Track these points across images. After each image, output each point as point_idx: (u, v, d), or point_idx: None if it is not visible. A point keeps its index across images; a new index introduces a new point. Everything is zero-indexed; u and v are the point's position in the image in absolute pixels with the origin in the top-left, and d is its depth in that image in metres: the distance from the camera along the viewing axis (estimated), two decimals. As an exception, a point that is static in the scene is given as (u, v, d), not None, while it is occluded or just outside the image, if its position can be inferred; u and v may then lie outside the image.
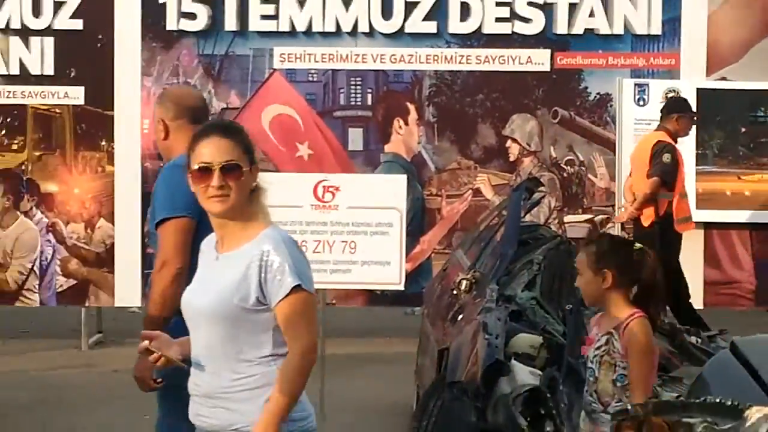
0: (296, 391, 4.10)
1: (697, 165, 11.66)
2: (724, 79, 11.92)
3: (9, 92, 12.13)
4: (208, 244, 4.34)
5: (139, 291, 12.07)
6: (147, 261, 11.75)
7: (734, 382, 4.74)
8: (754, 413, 3.14)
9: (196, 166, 4.06)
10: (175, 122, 5.73)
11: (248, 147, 4.22)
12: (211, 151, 4.06)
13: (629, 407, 4.06)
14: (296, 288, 3.93)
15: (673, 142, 10.81)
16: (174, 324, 4.63)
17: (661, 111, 11.30)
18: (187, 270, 4.95)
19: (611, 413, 4.89)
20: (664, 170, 10.70)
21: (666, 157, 10.66)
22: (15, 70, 12.08)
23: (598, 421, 5.25)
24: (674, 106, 11.27)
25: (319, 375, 7.88)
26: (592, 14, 11.84)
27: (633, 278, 5.19)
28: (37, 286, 12.33)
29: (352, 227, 8.34)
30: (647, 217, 10.77)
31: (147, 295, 6.25)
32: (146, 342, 4.23)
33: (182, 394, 4.28)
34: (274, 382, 4.11)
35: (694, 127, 11.30)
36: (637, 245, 5.63)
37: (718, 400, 3.51)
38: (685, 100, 11.46)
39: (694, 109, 11.38)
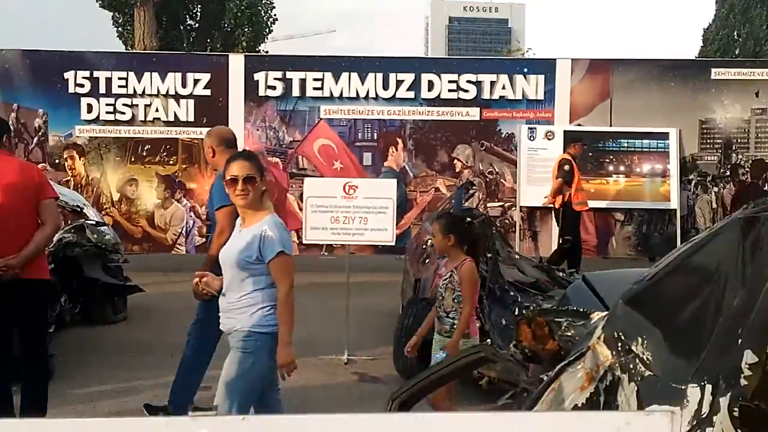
0: (289, 316, 4.92)
1: None
2: (579, 125, 14.05)
3: (169, 131, 14.23)
4: (237, 221, 5.15)
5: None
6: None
7: (583, 298, 5.86)
8: (595, 316, 3.91)
9: (228, 177, 4.90)
10: (219, 148, 6.55)
11: (260, 167, 5.00)
12: (238, 168, 4.86)
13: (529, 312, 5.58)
14: (280, 252, 4.81)
15: (571, 159, 12.40)
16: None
17: (565, 142, 13.35)
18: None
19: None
20: (564, 175, 12.27)
21: (566, 167, 12.29)
22: (172, 118, 14.15)
23: (442, 321, 6.17)
24: (570, 138, 13.10)
25: (345, 294, 9.00)
26: (503, 87, 14.14)
27: (465, 239, 6.25)
28: (183, 242, 14.39)
29: (364, 209, 9.15)
30: (558, 202, 12.41)
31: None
32: (197, 278, 5.23)
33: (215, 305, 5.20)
34: (257, 303, 4.89)
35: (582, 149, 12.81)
36: (468, 220, 6.84)
37: (574, 308, 4.56)
38: (574, 133, 13.53)
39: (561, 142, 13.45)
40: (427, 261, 8.67)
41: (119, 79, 14.17)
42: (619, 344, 3.11)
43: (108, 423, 1.32)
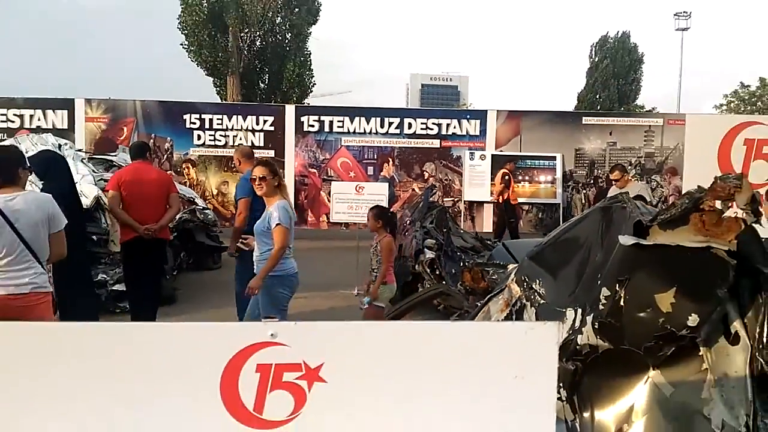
0: (272, 264, 4.58)
1: (491, 180, 13.12)
2: (501, 150, 13.81)
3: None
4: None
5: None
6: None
7: (503, 256, 5.98)
8: (510, 267, 3.93)
9: (252, 177, 4.77)
10: (242, 159, 6.32)
11: (273, 170, 4.78)
12: (257, 171, 4.74)
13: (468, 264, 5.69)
14: (278, 224, 4.54)
15: (509, 172, 12.36)
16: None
17: (493, 161, 13.26)
18: (248, 216, 5.71)
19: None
20: (505, 182, 12.21)
21: (506, 177, 12.26)
22: (249, 144, 13.46)
23: (371, 275, 5.91)
24: (502, 160, 12.93)
25: (356, 252, 8.86)
26: (455, 127, 14.03)
27: (387, 222, 5.94)
28: None
29: (369, 200, 8.96)
30: (501, 199, 12.34)
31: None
32: (242, 240, 5.18)
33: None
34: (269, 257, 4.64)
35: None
36: (392, 212, 6.59)
37: (497, 262, 5.16)
38: (499, 156, 13.33)
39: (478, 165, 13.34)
40: (405, 233, 8.35)
41: (217, 119, 14.13)
42: (525, 284, 3.13)
43: (200, 326, 1.21)
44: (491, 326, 1.23)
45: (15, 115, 13.74)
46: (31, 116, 13.76)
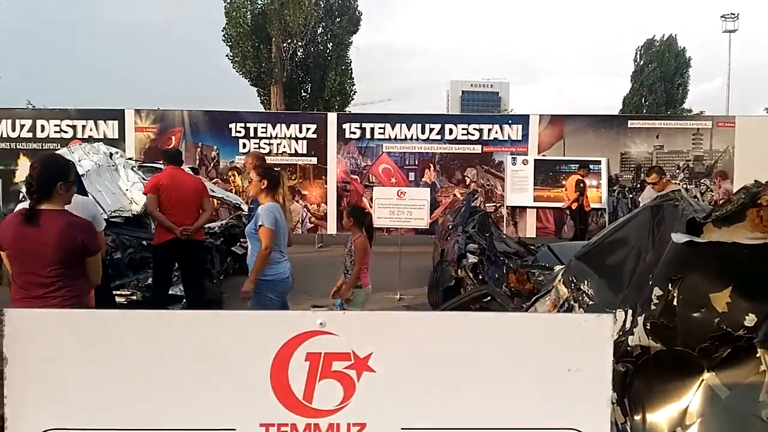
0: (260, 265, 4.49)
1: (534, 184, 13.45)
2: (543, 155, 13.74)
3: (291, 159, 14.03)
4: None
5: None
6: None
7: (548, 258, 6.14)
8: (557, 269, 3.99)
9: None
10: (256, 162, 6.41)
11: (261, 172, 4.79)
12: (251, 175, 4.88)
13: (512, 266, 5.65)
14: (261, 225, 4.52)
15: (583, 178, 12.04)
16: None
17: (535, 166, 13.31)
18: None
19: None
20: (579, 189, 11.88)
21: (581, 184, 11.90)
22: (293, 152, 14.06)
23: (345, 276, 5.64)
24: (580, 166, 12.60)
25: (398, 257, 8.84)
26: (496, 132, 13.94)
27: (362, 223, 5.64)
28: (300, 226, 13.96)
29: (411, 205, 9.20)
30: (574, 206, 12.00)
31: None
32: None
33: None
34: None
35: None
36: (366, 212, 6.13)
37: (542, 264, 5.15)
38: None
39: (532, 170, 13.31)
40: (448, 238, 8.32)
41: (261, 128, 14.28)
42: (572, 284, 3.06)
43: (251, 315, 1.21)
44: (545, 318, 1.19)
45: (68, 125, 14.16)
46: (83, 126, 14.18)
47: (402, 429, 1.20)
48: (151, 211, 6.31)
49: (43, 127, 14.12)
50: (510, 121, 14.49)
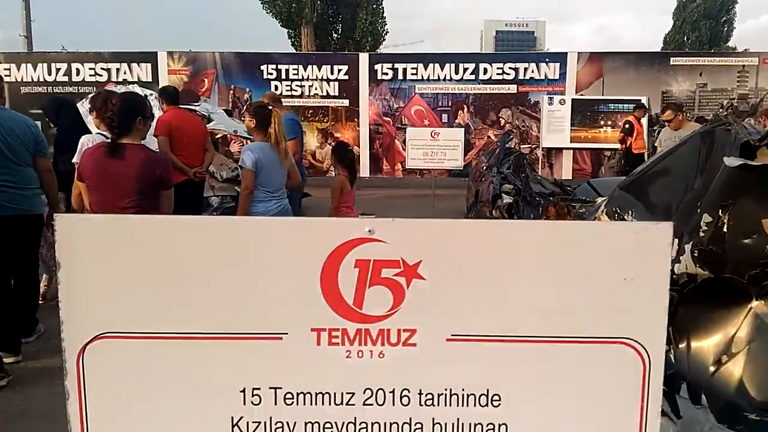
0: (242, 206, 4.51)
1: (571, 125, 13.27)
2: (582, 95, 13.51)
3: (323, 101, 14.13)
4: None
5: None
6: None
7: (588, 194, 5.91)
8: (599, 200, 3.90)
9: None
10: (272, 103, 6.03)
11: (256, 114, 4.69)
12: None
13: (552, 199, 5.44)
14: (242, 166, 4.61)
15: (633, 120, 11.22)
16: None
17: (573, 106, 13.02)
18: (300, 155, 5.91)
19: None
20: (626, 129, 11.17)
21: (626, 126, 11.18)
22: (325, 93, 14.11)
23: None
24: (636, 107, 11.93)
25: (431, 200, 9.02)
26: (532, 71, 13.70)
27: (342, 160, 5.62)
28: (333, 169, 12.86)
29: (444, 146, 9.45)
30: (623, 146, 11.27)
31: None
32: None
33: None
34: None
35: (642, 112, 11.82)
36: (349, 148, 6.05)
37: (583, 198, 4.95)
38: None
39: (565, 110, 13.04)
40: (482, 179, 8.22)
41: (293, 69, 14.22)
42: (616, 215, 2.98)
43: (300, 221, 1.20)
44: (601, 226, 1.16)
45: (102, 69, 14.26)
46: (117, 69, 14.27)
47: (451, 335, 1.19)
48: (165, 153, 6.15)
49: (78, 70, 14.27)
50: (547, 60, 14.16)
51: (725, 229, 2.26)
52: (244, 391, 1.19)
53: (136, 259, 1.16)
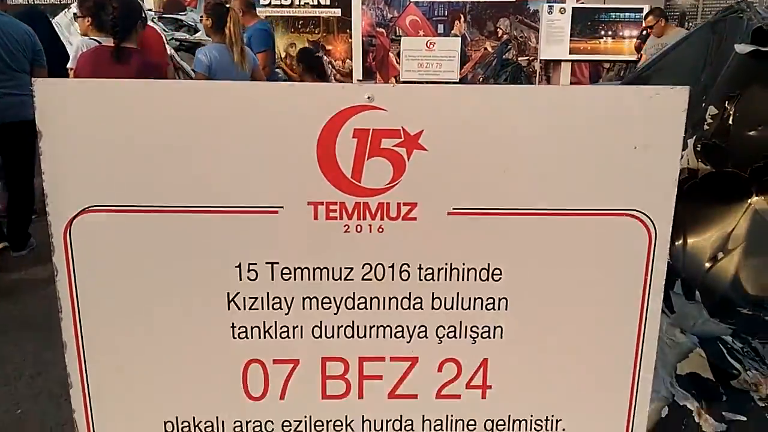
0: None
1: (571, 36, 12.69)
2: (582, 2, 13.04)
3: (314, 11, 13.66)
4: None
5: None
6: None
7: None
8: None
9: None
10: (244, 9, 6.01)
11: (207, 9, 4.63)
12: None
13: None
14: (194, 70, 4.57)
15: (649, 25, 10.42)
16: None
17: (573, 16, 12.42)
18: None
19: None
20: (643, 36, 10.66)
21: (645, 32, 10.67)
22: (316, 3, 13.51)
23: None
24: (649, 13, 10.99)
25: None
26: None
27: (312, 68, 5.39)
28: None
29: (439, 56, 9.63)
30: (638, 54, 10.86)
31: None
32: None
33: None
34: None
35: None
36: (317, 55, 5.59)
37: None
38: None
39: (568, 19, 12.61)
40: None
41: (282, -23, 13.55)
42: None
43: (293, 87, 1.12)
44: (611, 90, 1.09)
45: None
46: (99, -23, 13.69)
47: (453, 208, 1.15)
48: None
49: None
50: (546, -35, 13.57)
51: (731, 122, 2.19)
52: (239, 266, 1.16)
53: (123, 128, 1.10)
